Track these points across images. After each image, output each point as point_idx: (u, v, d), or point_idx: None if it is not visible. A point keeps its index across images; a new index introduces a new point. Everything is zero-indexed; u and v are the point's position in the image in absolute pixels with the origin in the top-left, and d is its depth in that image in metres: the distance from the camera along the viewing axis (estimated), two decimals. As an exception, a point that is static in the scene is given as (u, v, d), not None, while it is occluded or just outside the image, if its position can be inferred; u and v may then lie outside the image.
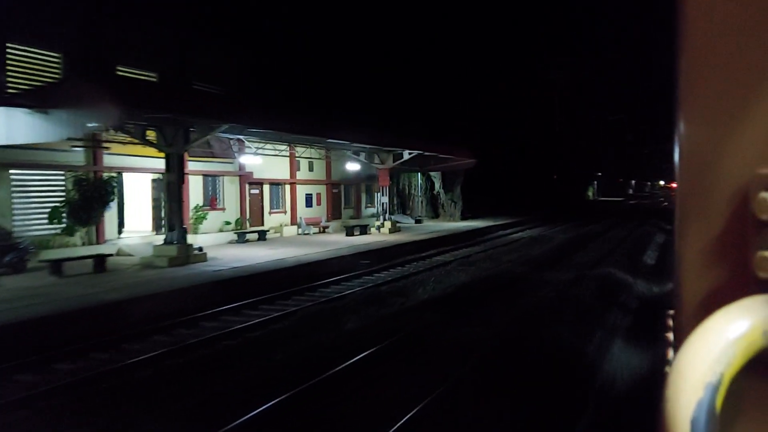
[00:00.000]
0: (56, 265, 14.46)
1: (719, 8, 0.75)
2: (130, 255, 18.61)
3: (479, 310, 12.64)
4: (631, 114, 77.83)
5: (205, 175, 23.22)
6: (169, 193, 16.75)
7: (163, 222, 18.95)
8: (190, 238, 21.21)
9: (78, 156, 18.41)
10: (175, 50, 21.92)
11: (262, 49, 29.36)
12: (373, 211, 33.79)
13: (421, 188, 39.09)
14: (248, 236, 23.54)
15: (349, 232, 26.08)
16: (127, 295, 12.26)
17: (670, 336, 0.98)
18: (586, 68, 67.74)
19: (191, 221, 22.05)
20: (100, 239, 18.75)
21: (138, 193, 22.01)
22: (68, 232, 17.57)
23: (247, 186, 25.24)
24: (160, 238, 17.67)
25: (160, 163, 17.21)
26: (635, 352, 9.46)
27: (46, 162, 17.50)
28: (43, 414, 7.30)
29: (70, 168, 18.15)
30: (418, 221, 36.22)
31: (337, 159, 29.55)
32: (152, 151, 17.73)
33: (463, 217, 38.47)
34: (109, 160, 19.27)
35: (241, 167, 24.41)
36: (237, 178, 24.65)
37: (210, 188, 23.60)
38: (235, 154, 22.56)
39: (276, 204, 27.38)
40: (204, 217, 22.48)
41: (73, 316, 10.77)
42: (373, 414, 7.06)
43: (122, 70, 19.81)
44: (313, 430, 6.76)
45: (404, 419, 6.62)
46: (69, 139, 17.57)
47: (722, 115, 0.75)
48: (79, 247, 17.72)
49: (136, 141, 17.32)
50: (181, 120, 15.77)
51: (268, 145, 24.22)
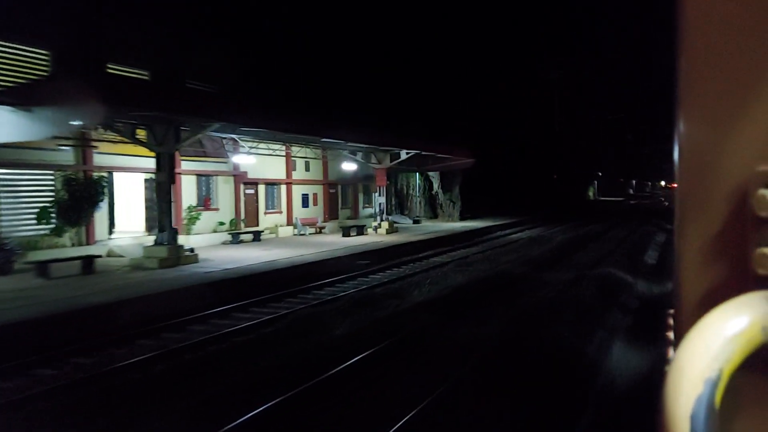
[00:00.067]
0: (42, 267, 14.11)
1: (718, 8, 0.74)
2: (121, 256, 18.27)
3: (476, 311, 12.39)
4: (631, 114, 77.73)
5: (199, 175, 22.87)
6: (160, 194, 16.42)
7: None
8: (183, 239, 20.89)
9: (67, 155, 18.06)
10: (168, 48, 21.57)
11: (260, 48, 29.07)
12: (370, 211, 33.44)
13: (420, 188, 38.74)
14: (242, 237, 23.19)
15: (346, 232, 25.75)
16: (113, 298, 11.93)
17: (670, 335, 0.95)
18: (586, 68, 67.64)
19: (184, 222, 21.70)
20: (90, 240, 18.39)
21: (130, 193, 21.66)
22: (57, 232, 17.21)
23: (242, 186, 24.88)
24: (153, 239, 17.32)
25: (153, 163, 16.85)
26: (635, 352, 9.36)
27: (35, 161, 17.15)
28: (16, 423, 6.97)
29: (60, 167, 17.80)
30: (416, 221, 35.90)
31: (333, 159, 29.20)
32: (144, 151, 17.38)
33: (462, 218, 38.15)
34: (99, 160, 18.91)
35: (236, 167, 24.05)
36: (231, 178, 24.29)
37: (204, 188, 23.25)
38: (228, 154, 22.17)
39: (271, 204, 27.02)
40: (197, 218, 22.12)
41: (56, 320, 10.43)
42: (361, 423, 6.76)
43: (113, 68, 19.47)
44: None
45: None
46: (57, 138, 17.31)
47: (721, 114, 0.75)
48: (68, 248, 17.36)
49: (127, 140, 17.00)
50: (170, 118, 15.43)
51: (263, 145, 23.86)
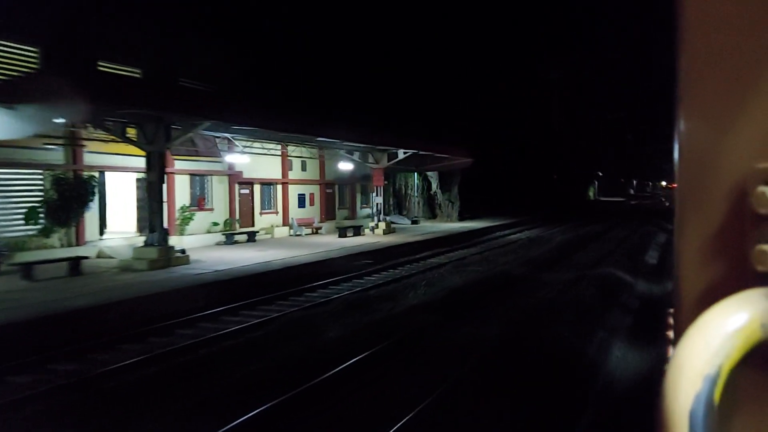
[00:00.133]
0: (27, 269, 13.76)
1: (717, 7, 0.75)
2: (112, 257, 17.92)
3: (473, 313, 12.12)
4: (632, 113, 77.34)
5: (193, 175, 22.51)
6: (150, 193, 16.06)
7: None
8: (176, 240, 20.54)
9: (57, 154, 17.71)
10: (162, 46, 21.22)
11: (258, 47, 28.73)
12: (368, 211, 33.05)
13: (418, 188, 38.39)
14: (237, 237, 22.83)
15: (342, 233, 25.40)
16: (98, 301, 11.58)
17: (670, 334, 0.87)
18: (586, 68, 67.26)
19: (177, 222, 21.35)
20: (80, 241, 18.04)
21: (122, 193, 21.31)
22: (45, 233, 16.85)
23: (237, 186, 24.52)
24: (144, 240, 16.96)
25: (144, 162, 16.45)
26: (635, 352, 9.27)
27: (24, 160, 16.79)
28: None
29: (49, 167, 17.45)
30: (414, 222, 35.55)
31: (330, 158, 28.84)
32: (136, 150, 16.98)
33: (461, 218, 37.80)
34: (90, 159, 18.56)
35: (231, 166, 23.68)
36: (226, 178, 23.93)
37: (198, 188, 22.88)
38: (221, 153, 21.79)
39: (267, 204, 26.66)
40: (191, 218, 21.75)
41: (35, 324, 10.08)
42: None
43: (105, 66, 19.11)
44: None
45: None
46: (47, 137, 16.97)
47: (721, 112, 0.75)
48: (57, 249, 17.01)
49: (117, 139, 16.66)
50: (159, 116, 15.08)
51: (258, 144, 23.51)
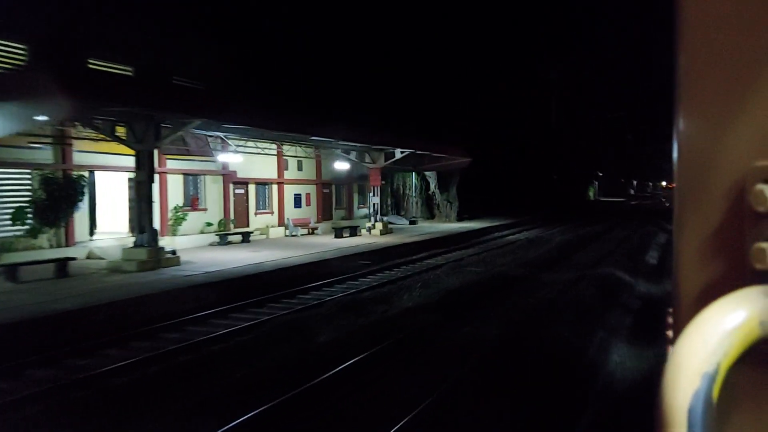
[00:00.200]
0: (12, 270, 13.42)
1: (717, 6, 0.74)
2: (102, 258, 17.58)
3: (468, 316, 11.70)
4: (632, 113, 77.00)
5: (186, 174, 22.15)
6: (139, 193, 15.72)
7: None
8: (169, 241, 20.22)
9: (46, 153, 17.37)
10: (154, 44, 20.87)
11: (254, 46, 28.40)
12: (366, 212, 32.66)
13: (416, 188, 38.03)
14: (231, 238, 22.48)
15: (338, 233, 25.05)
16: (82, 304, 11.24)
17: (670, 334, 0.87)
18: (586, 67, 66.92)
19: (170, 222, 21.01)
20: (69, 241, 17.70)
21: (113, 193, 20.96)
22: (32, 233, 16.51)
23: (231, 186, 24.16)
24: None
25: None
26: (635, 352, 9.11)
27: (11, 160, 16.46)
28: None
29: (37, 166, 17.11)
30: (412, 222, 35.20)
31: (327, 158, 28.49)
32: (128, 149, 16.64)
33: (460, 218, 37.44)
34: (79, 158, 18.21)
35: (225, 166, 23.33)
36: (220, 178, 23.57)
37: (191, 188, 22.53)
38: (213, 152, 21.42)
39: (262, 204, 26.31)
40: (183, 218, 21.40)
41: (14, 328, 9.74)
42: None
43: (95, 63, 18.76)
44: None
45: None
46: (34, 136, 16.63)
47: (720, 109, 0.74)
48: (46, 250, 16.67)
49: (107, 138, 16.33)
50: (148, 114, 14.74)
51: (252, 144, 23.14)
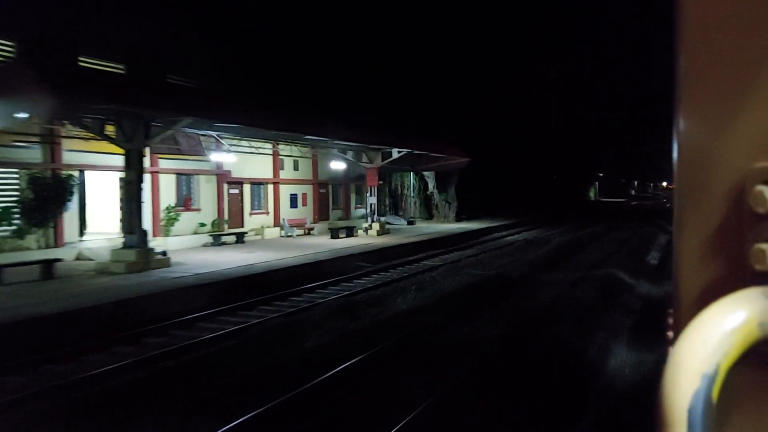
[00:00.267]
0: (-5, 272, 13.09)
1: (717, 6, 0.74)
2: (91, 259, 17.24)
3: (462, 320, 11.32)
4: (632, 113, 76.64)
5: (179, 174, 21.80)
6: (128, 193, 15.38)
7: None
8: (161, 241, 19.89)
9: (34, 153, 17.03)
10: (147, 42, 20.53)
11: (251, 45, 28.08)
12: (363, 212, 32.37)
13: (414, 188, 37.69)
14: (225, 239, 22.13)
15: (334, 234, 24.71)
16: (63, 308, 10.89)
17: (670, 334, 0.87)
18: (586, 67, 66.59)
19: (162, 223, 20.66)
20: (58, 242, 17.36)
21: (104, 193, 20.62)
22: (19, 234, 16.16)
23: (226, 185, 23.81)
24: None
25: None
26: (636, 353, 8.99)
27: (-2, 159, 16.15)
28: None
29: (25, 165, 16.77)
30: (410, 222, 34.86)
31: (324, 158, 28.14)
32: (119, 148, 16.30)
33: (458, 219, 37.09)
34: (69, 157, 17.87)
35: (219, 166, 22.97)
36: (214, 177, 23.22)
37: (184, 187, 22.17)
38: (205, 151, 21.06)
39: (257, 205, 25.96)
40: (176, 219, 21.05)
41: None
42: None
43: (85, 61, 18.42)
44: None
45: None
46: (22, 134, 16.31)
47: (720, 110, 0.74)
48: (33, 251, 16.33)
49: (96, 137, 15.99)
50: (137, 113, 14.40)
51: (247, 143, 22.80)
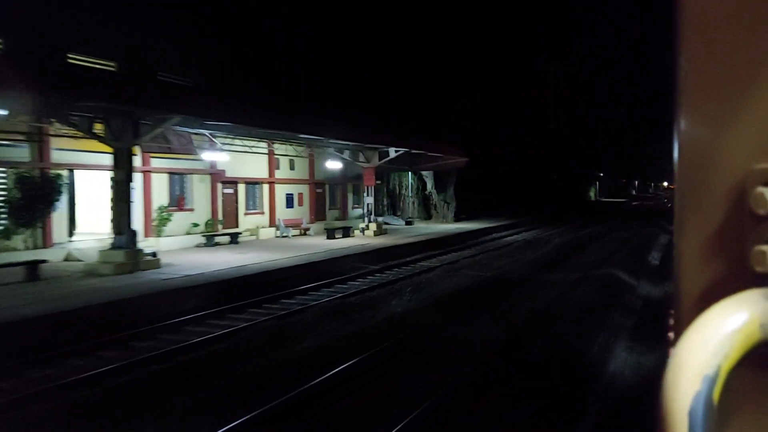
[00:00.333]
0: (-24, 274, 12.73)
1: (717, 5, 0.73)
2: (80, 260, 16.88)
3: (459, 322, 10.98)
4: (632, 113, 76.32)
5: (171, 173, 21.43)
6: (116, 193, 15.02)
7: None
8: (153, 242, 19.54)
9: (22, 151, 16.67)
10: (139, 39, 20.18)
11: (247, 43, 27.73)
12: (360, 212, 32.02)
13: (413, 188, 37.33)
14: (219, 239, 21.77)
15: (331, 234, 24.36)
16: (46, 310, 10.54)
17: (671, 335, 0.84)
18: (586, 67, 66.26)
19: (154, 223, 20.30)
20: (46, 243, 17.00)
21: (94, 192, 20.24)
22: (5, 235, 15.80)
23: (220, 185, 23.45)
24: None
25: (115, 160, 15.40)
26: (636, 355, 8.91)
27: (-16, 158, 15.80)
28: None
29: (13, 164, 16.41)
30: (408, 223, 34.51)
31: (320, 157, 27.79)
32: (110, 147, 15.95)
33: (457, 219, 36.74)
34: (58, 156, 17.52)
35: (213, 165, 22.61)
36: (208, 177, 22.86)
37: (177, 187, 21.81)
38: (197, 150, 20.69)
39: (252, 205, 25.60)
40: (168, 219, 20.68)
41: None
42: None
43: (75, 58, 18.05)
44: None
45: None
46: (9, 132, 15.94)
47: (720, 111, 0.73)
48: (20, 252, 15.96)
49: (85, 135, 15.64)
50: (125, 110, 14.05)
51: (241, 142, 22.44)
